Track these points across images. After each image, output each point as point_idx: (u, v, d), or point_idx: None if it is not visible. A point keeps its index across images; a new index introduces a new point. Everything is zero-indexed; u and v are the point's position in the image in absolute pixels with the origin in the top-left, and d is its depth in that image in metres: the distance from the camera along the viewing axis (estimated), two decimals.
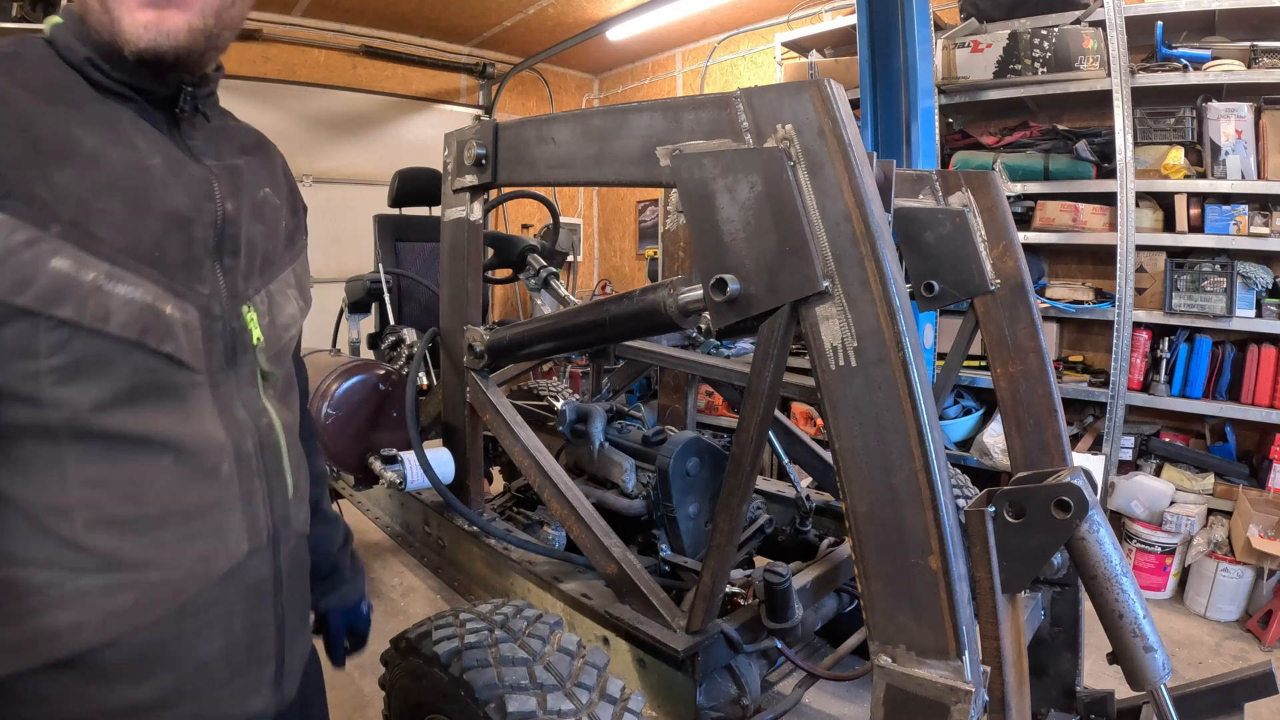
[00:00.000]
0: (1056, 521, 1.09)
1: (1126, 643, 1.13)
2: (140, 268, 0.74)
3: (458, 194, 1.87)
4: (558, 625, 1.40)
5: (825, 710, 2.49)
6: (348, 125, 5.42)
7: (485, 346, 1.85)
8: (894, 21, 3.25)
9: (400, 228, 3.39)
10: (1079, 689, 1.90)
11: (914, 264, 1.92)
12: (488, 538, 2.01)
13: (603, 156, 1.39)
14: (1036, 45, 3.52)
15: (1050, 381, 1.80)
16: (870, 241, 0.98)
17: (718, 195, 1.11)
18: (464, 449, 1.99)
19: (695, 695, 1.44)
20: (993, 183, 1.84)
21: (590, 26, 5.19)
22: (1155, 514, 3.36)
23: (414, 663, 1.39)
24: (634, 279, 6.70)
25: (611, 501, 1.99)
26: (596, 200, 7.06)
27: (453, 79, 6.04)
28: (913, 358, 0.96)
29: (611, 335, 1.71)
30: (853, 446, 1.01)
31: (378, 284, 2.86)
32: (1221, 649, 2.99)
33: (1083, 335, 3.96)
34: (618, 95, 6.72)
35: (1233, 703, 1.53)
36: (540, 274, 2.56)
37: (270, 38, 5.04)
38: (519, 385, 3.85)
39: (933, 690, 0.94)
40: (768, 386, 1.17)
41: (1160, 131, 3.49)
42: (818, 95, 1.02)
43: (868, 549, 1.00)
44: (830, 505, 2.22)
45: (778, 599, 1.51)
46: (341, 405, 2.19)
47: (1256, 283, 3.25)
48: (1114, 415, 3.52)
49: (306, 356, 2.62)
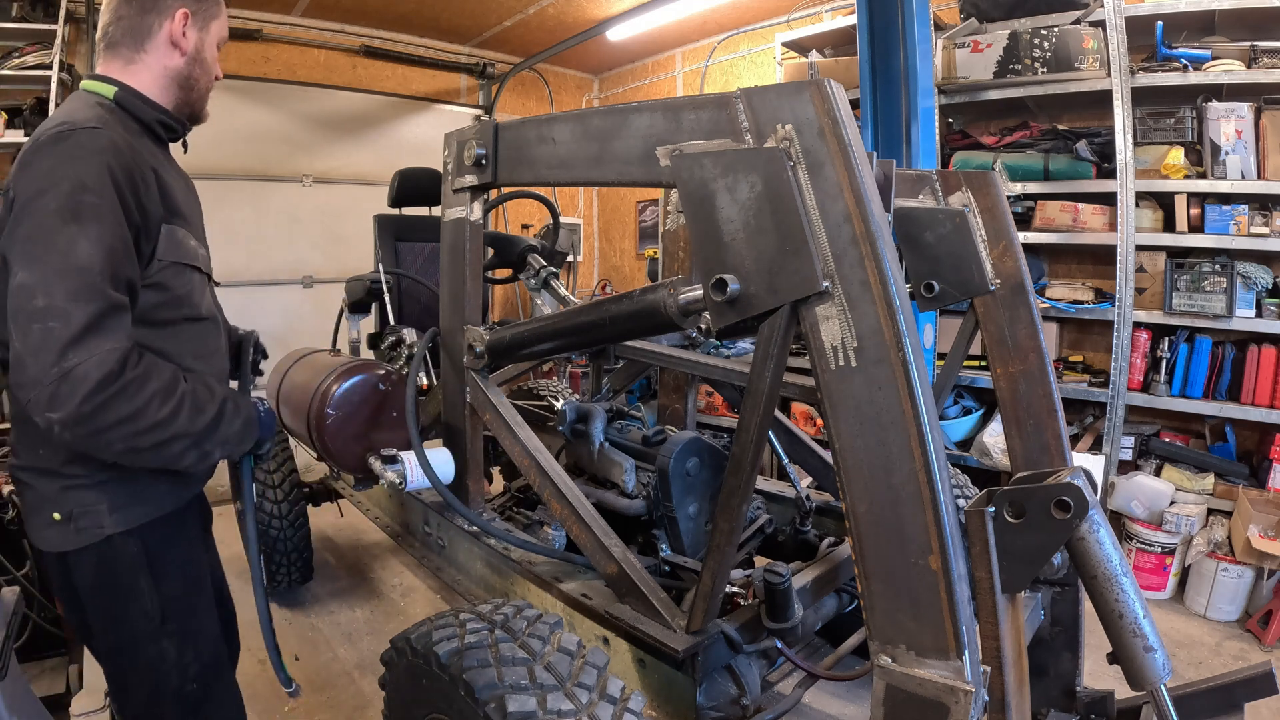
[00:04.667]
0: (1056, 521, 1.09)
1: (1126, 643, 1.13)
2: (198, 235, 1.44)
3: (458, 194, 1.87)
4: (558, 625, 1.40)
5: (825, 710, 2.49)
6: (348, 125, 5.41)
7: (485, 346, 1.85)
8: (894, 21, 3.25)
9: (400, 228, 3.39)
10: (1079, 689, 1.90)
11: (914, 264, 1.92)
12: (488, 538, 2.01)
13: (603, 156, 1.39)
14: (1036, 45, 3.52)
15: (1050, 381, 1.80)
16: (870, 241, 0.98)
17: (718, 195, 1.11)
18: (464, 449, 1.99)
19: (695, 695, 1.44)
20: (993, 183, 1.84)
21: (590, 26, 5.19)
22: (1155, 514, 3.36)
23: (414, 663, 1.39)
24: (634, 279, 6.70)
25: (611, 501, 1.99)
26: (596, 200, 7.06)
27: (453, 79, 6.03)
28: (913, 358, 0.96)
29: (611, 335, 1.71)
30: (853, 446, 1.01)
31: (378, 284, 2.86)
32: (1221, 649, 2.99)
33: (1083, 335, 3.96)
34: (618, 95, 6.72)
35: (1233, 703, 1.53)
36: (540, 274, 2.56)
37: (270, 38, 5.04)
38: (519, 385, 3.85)
39: (933, 690, 0.94)
40: (768, 386, 1.17)
41: (1160, 131, 3.49)
42: (818, 95, 1.02)
43: (868, 549, 1.01)
44: (830, 505, 2.22)
45: (778, 599, 1.51)
46: (341, 405, 2.19)
47: (1256, 283, 3.25)
48: (1114, 415, 3.52)
49: (306, 356, 2.63)
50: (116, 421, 1.13)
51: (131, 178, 1.19)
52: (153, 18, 1.33)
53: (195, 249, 1.37)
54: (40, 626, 2.39)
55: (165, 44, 1.34)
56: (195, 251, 1.37)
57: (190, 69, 1.38)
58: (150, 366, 1.19)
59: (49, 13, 3.96)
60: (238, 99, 4.84)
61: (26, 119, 3.95)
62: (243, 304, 4.93)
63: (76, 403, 1.08)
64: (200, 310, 1.41)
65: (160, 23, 1.33)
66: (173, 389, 1.21)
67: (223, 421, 1.30)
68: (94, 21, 4.19)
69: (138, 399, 1.14)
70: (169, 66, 1.36)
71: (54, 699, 2.23)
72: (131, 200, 1.19)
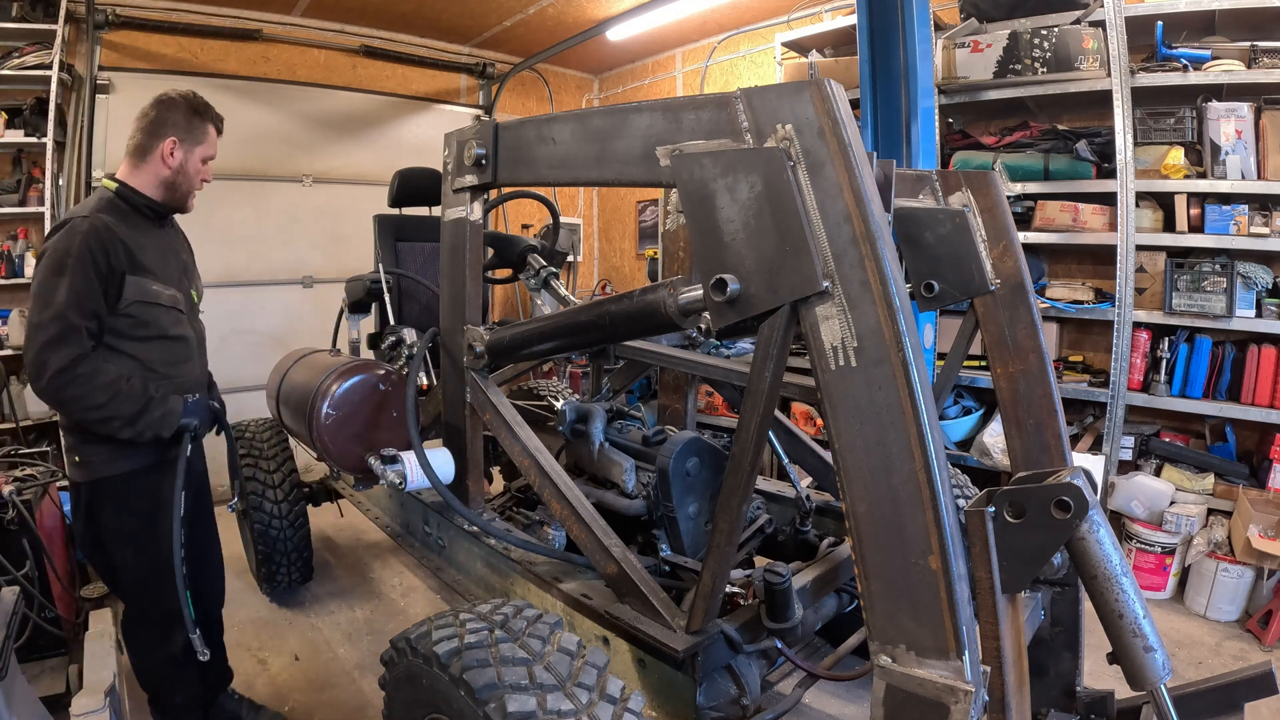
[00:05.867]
0: (1056, 521, 1.09)
1: (1126, 643, 1.13)
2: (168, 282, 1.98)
3: (458, 194, 1.87)
4: (558, 625, 1.40)
5: (825, 710, 2.49)
6: (348, 125, 5.41)
7: (485, 346, 1.85)
8: (894, 21, 3.25)
9: (400, 228, 3.39)
10: (1079, 689, 1.90)
11: (914, 264, 1.92)
12: (488, 538, 2.01)
13: (603, 156, 1.39)
14: (1036, 45, 3.52)
15: (1050, 381, 1.80)
16: (870, 241, 0.98)
17: (718, 195, 1.11)
18: (464, 449, 1.99)
19: (695, 695, 1.44)
20: (993, 183, 1.84)
21: (590, 26, 5.19)
22: (1155, 514, 3.36)
23: (414, 663, 1.39)
24: (634, 279, 6.70)
25: (611, 501, 1.99)
26: (596, 200, 7.06)
27: (453, 79, 6.03)
28: (913, 358, 0.96)
29: (611, 335, 1.71)
30: (853, 446, 1.01)
31: (378, 284, 2.86)
32: (1221, 649, 2.99)
33: (1083, 335, 3.96)
34: (618, 95, 6.72)
35: (1233, 703, 1.53)
36: (540, 274, 2.56)
37: (270, 38, 5.04)
38: (519, 385, 3.85)
39: (933, 690, 0.94)
40: (768, 386, 1.17)
41: (1160, 131, 3.49)
42: (818, 95, 1.02)
43: (868, 549, 1.01)
44: (830, 505, 2.22)
45: (778, 599, 1.51)
46: (341, 405, 2.19)
47: (1256, 283, 3.25)
48: (1114, 415, 3.52)
49: (306, 356, 2.63)
50: (69, 399, 1.79)
51: (104, 248, 1.82)
52: (154, 141, 1.97)
53: (159, 291, 1.94)
54: (40, 626, 2.39)
55: (158, 160, 1.98)
56: (159, 293, 1.94)
57: (175, 178, 2.00)
58: (98, 369, 1.79)
59: (49, 13, 3.97)
60: (238, 99, 4.83)
61: (26, 119, 3.95)
62: (243, 304, 4.93)
63: (43, 383, 1.76)
64: (168, 332, 1.99)
65: (157, 145, 1.97)
66: (113, 386, 1.81)
67: (147, 412, 1.87)
68: (94, 21, 4.20)
69: (84, 388, 1.78)
70: (159, 174, 1.99)
71: (54, 699, 2.23)
72: (101, 262, 1.81)
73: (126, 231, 1.88)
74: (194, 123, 2.00)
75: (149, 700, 2.17)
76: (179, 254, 2.11)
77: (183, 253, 2.15)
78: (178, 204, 2.04)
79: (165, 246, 2.04)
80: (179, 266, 2.08)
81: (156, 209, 2.00)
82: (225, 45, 4.89)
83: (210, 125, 2.06)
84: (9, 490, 2.43)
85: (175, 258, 2.07)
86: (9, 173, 4.08)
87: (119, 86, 4.38)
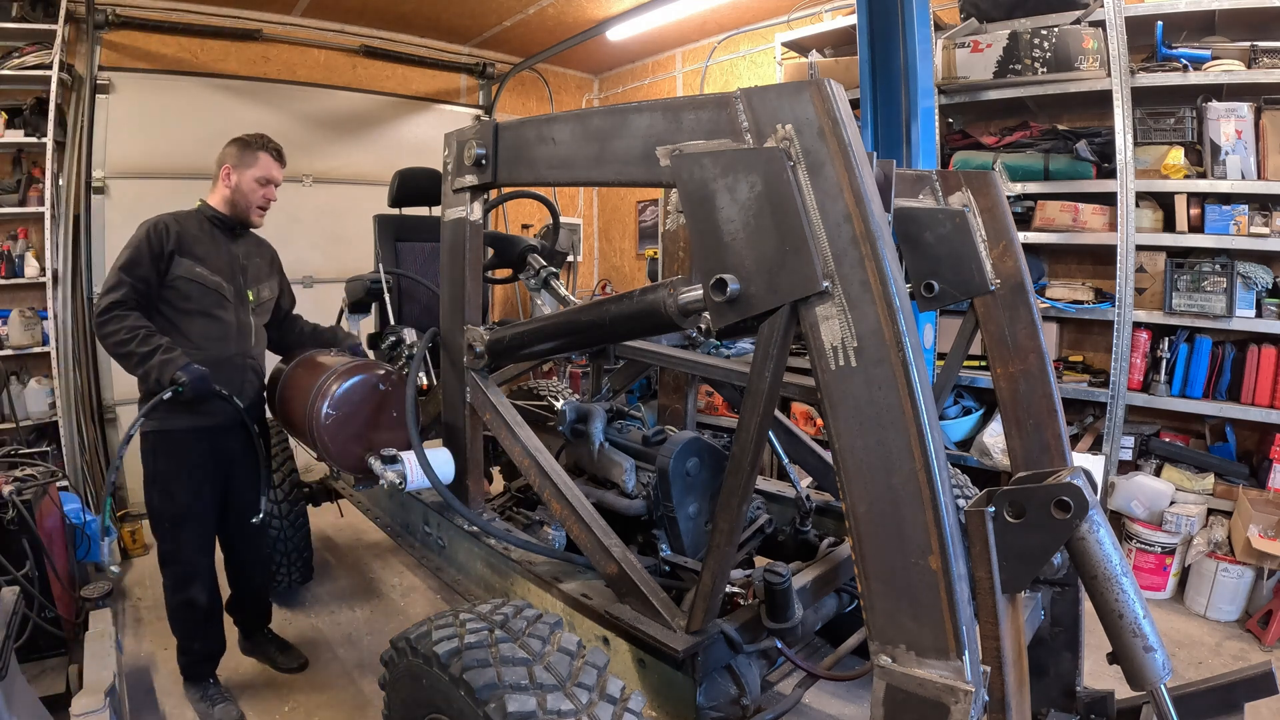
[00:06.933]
0: (1056, 521, 1.09)
1: (1126, 643, 1.13)
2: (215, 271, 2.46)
3: (458, 194, 1.87)
4: (558, 625, 1.40)
5: (825, 710, 2.49)
6: (348, 125, 5.41)
7: (485, 346, 1.85)
8: (894, 21, 3.25)
9: (400, 228, 3.39)
10: (1079, 689, 1.90)
11: (914, 264, 1.92)
12: (488, 538, 2.01)
13: (603, 156, 1.39)
14: (1036, 45, 3.52)
15: (1050, 381, 1.80)
16: (870, 241, 0.98)
17: (718, 195, 1.11)
18: (464, 449, 1.99)
19: (695, 695, 1.44)
20: (993, 183, 1.84)
21: (590, 26, 5.18)
22: (1155, 514, 3.36)
23: (414, 663, 1.39)
24: (634, 279, 6.70)
25: (611, 501, 1.99)
26: (596, 200, 7.06)
27: (453, 79, 6.03)
28: (913, 358, 0.96)
29: (611, 335, 1.71)
30: (853, 446, 1.01)
31: (378, 284, 2.86)
32: (1221, 649, 2.99)
33: (1083, 335, 3.96)
34: (618, 95, 6.72)
35: (1233, 703, 1.53)
36: (540, 274, 2.56)
37: (270, 38, 5.03)
38: (519, 385, 3.85)
39: (933, 690, 0.94)
40: (768, 386, 1.17)
41: (1160, 131, 3.48)
42: (818, 95, 1.02)
43: (868, 549, 1.01)
44: (830, 505, 2.22)
45: (778, 599, 1.51)
46: (341, 405, 2.19)
47: (1256, 283, 3.25)
48: (1114, 415, 3.52)
49: (306, 356, 2.63)
50: (105, 334, 2.24)
51: (159, 235, 2.34)
52: (219, 169, 2.51)
53: (203, 274, 2.41)
54: (40, 626, 2.39)
55: (221, 183, 2.51)
56: (203, 276, 2.41)
57: (234, 195, 2.50)
58: (128, 315, 2.25)
59: (49, 13, 3.96)
60: (238, 99, 4.83)
61: (26, 119, 3.95)
62: None
63: (95, 319, 2.27)
64: (209, 310, 2.44)
65: (220, 172, 2.51)
66: (134, 329, 2.23)
67: (152, 357, 2.23)
68: (94, 21, 4.20)
69: (115, 326, 2.23)
70: (223, 194, 2.52)
71: (54, 699, 2.23)
72: (155, 243, 2.33)
73: (188, 229, 2.41)
74: (244, 152, 2.49)
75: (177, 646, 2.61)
76: (239, 257, 2.54)
77: (245, 258, 2.57)
78: (240, 216, 2.53)
79: (225, 247, 2.51)
80: (233, 264, 2.52)
81: (224, 220, 2.51)
82: (225, 45, 4.88)
83: (261, 152, 2.50)
84: (9, 490, 2.43)
85: (233, 258, 2.52)
86: (9, 173, 4.07)
87: (119, 86, 4.37)
